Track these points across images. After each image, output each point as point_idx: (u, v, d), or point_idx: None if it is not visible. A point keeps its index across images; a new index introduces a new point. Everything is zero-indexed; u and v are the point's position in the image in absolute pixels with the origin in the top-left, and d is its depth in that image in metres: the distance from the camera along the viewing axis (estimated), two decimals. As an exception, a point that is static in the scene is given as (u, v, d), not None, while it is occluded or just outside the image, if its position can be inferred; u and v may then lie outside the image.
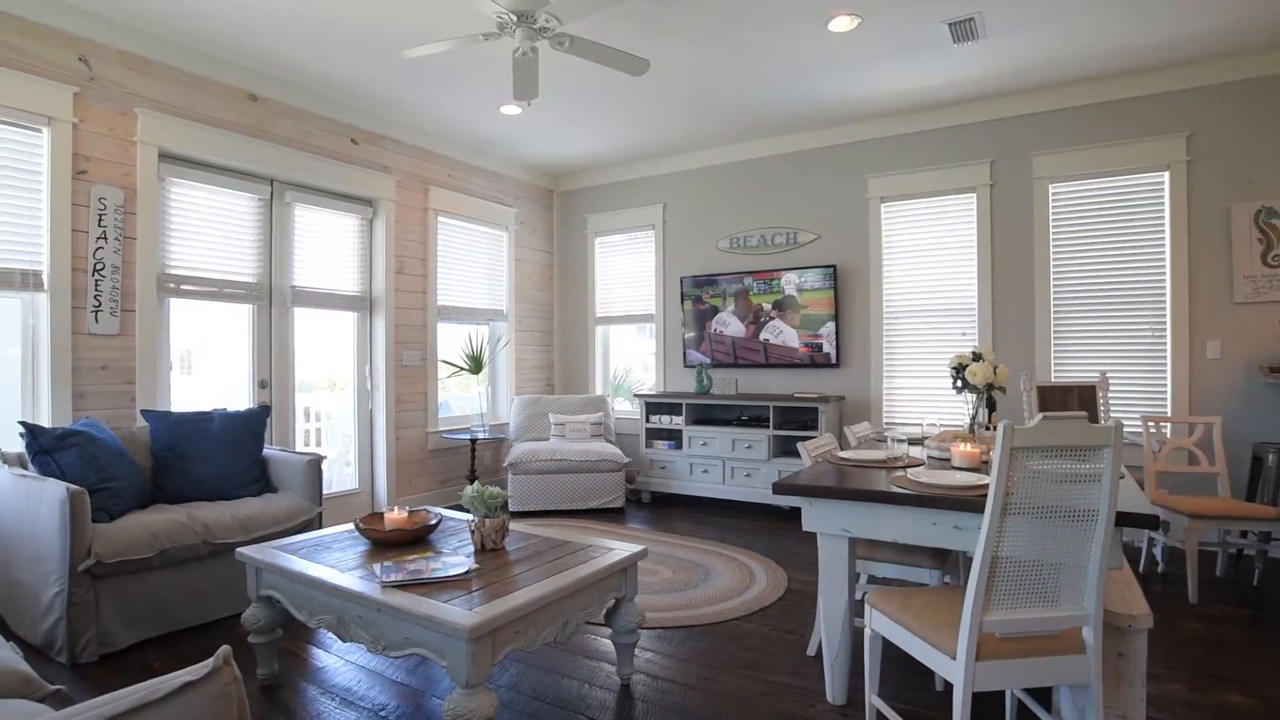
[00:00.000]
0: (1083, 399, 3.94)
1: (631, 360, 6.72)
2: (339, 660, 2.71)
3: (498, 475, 5.98)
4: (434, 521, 2.58)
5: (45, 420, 3.35)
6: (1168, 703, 2.33)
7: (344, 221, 4.88)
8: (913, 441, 3.19)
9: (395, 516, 2.58)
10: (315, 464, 3.51)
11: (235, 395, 4.30)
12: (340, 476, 5.01)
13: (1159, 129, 4.24)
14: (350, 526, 2.79)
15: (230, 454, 3.45)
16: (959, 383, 2.89)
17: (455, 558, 2.30)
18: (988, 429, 2.97)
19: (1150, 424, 3.76)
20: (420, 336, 5.31)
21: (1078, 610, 1.69)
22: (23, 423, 2.92)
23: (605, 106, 4.81)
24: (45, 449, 2.88)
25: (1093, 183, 4.44)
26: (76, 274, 3.44)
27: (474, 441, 5.35)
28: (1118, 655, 1.83)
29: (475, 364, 5.58)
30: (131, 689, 0.95)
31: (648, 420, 5.64)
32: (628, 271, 6.36)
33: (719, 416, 5.61)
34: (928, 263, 4.97)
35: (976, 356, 2.84)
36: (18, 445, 3.14)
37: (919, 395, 5.00)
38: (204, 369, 4.28)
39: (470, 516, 2.56)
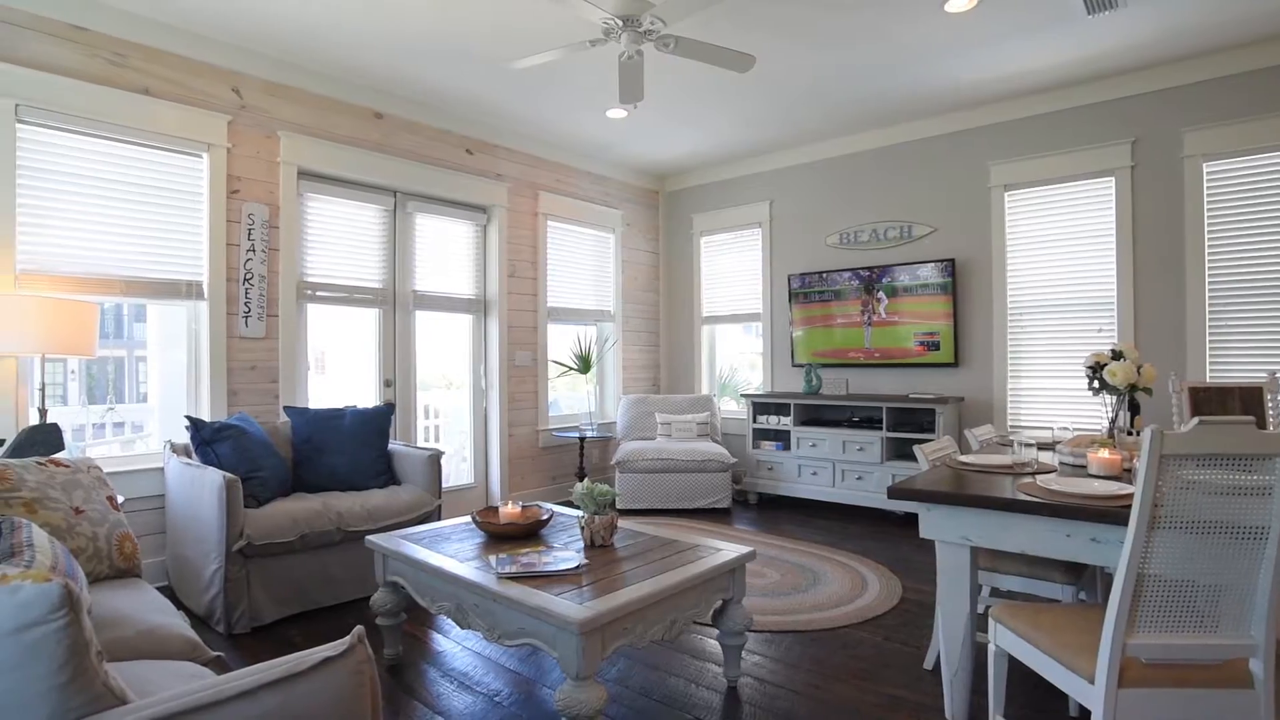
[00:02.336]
0: (1246, 402, 3.53)
1: (738, 360, 6.66)
2: (457, 646, 2.85)
3: (605, 473, 6.09)
4: (545, 517, 2.66)
5: (205, 415, 3.74)
6: (1355, 748, 2.04)
7: (460, 228, 5.13)
8: (1042, 446, 2.97)
9: (509, 511, 2.68)
10: (435, 459, 3.71)
11: (363, 393, 4.62)
12: (457, 471, 5.27)
13: (1341, 95, 3.73)
14: (467, 519, 2.93)
15: (360, 448, 3.70)
16: (1096, 383, 2.66)
17: (566, 553, 2.36)
18: (1129, 434, 2.72)
19: (1331, 431, 3.31)
20: (531, 337, 5.50)
21: (1242, 639, 1.51)
22: (188, 417, 3.27)
23: (710, 105, 4.80)
24: (206, 440, 3.21)
25: (1259, 158, 3.95)
26: (230, 283, 3.81)
27: (582, 440, 5.47)
28: (1292, 691, 1.62)
29: (584, 364, 5.71)
30: (280, 660, 1.04)
31: (755, 420, 5.57)
32: (734, 270, 6.31)
33: (828, 417, 5.45)
34: (1058, 254, 4.61)
35: (1116, 355, 2.60)
36: (184, 437, 3.53)
37: (1048, 397, 4.65)
38: (335, 369, 4.63)
39: (580, 513, 2.62)
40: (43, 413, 3.00)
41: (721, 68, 3.40)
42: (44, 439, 2.78)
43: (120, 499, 3.03)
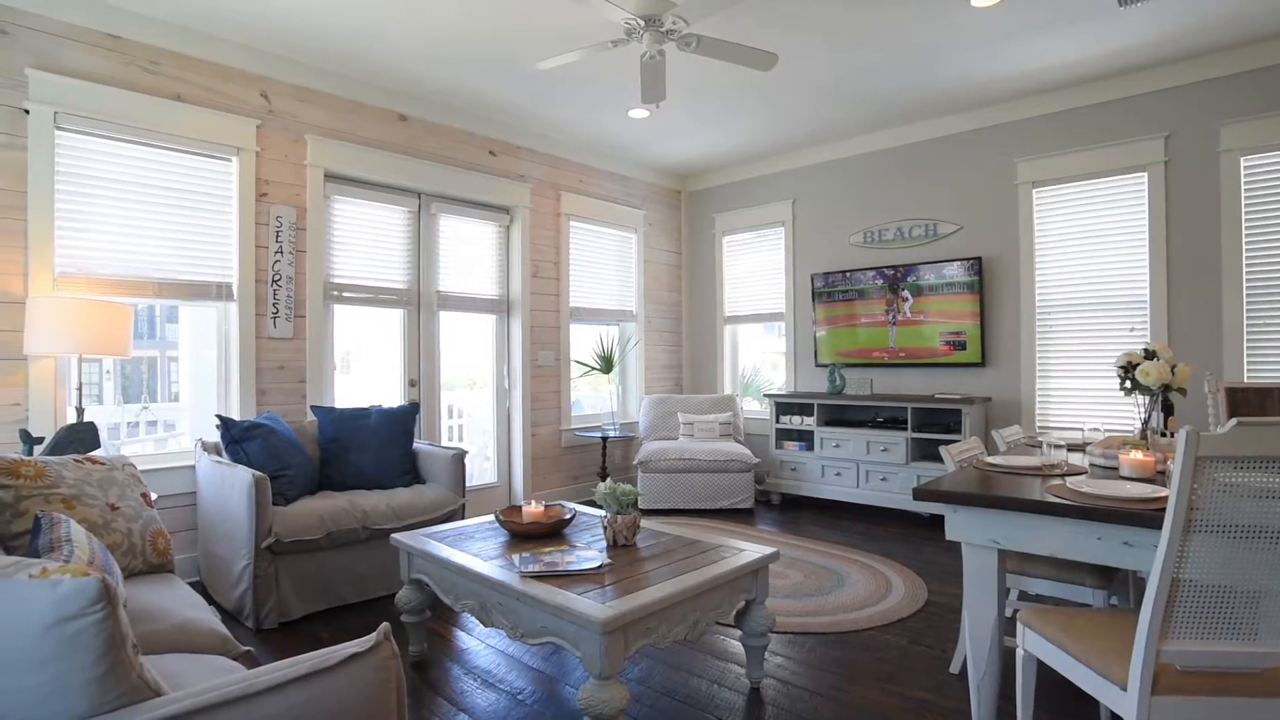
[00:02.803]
0: (1285, 403, 3.43)
1: (760, 359, 6.63)
2: (480, 644, 2.87)
3: (628, 473, 6.10)
4: (568, 516, 2.67)
5: (235, 414, 3.81)
6: (1402, 761, 1.98)
7: (483, 229, 5.17)
8: (1072, 447, 2.92)
9: (532, 510, 2.70)
10: (459, 458, 3.74)
11: (388, 393, 4.68)
12: (480, 470, 5.31)
13: (1387, 86, 3.61)
14: (491, 518, 2.95)
15: (385, 447, 3.75)
16: (1128, 384, 2.60)
17: (589, 552, 2.36)
18: (1163, 435, 2.66)
19: (1376, 432, 3.20)
20: (554, 337, 5.52)
21: (1282, 645, 1.47)
22: (218, 416, 3.33)
23: (732, 104, 4.78)
24: (235, 439, 3.27)
25: (1297, 154, 3.85)
26: (259, 285, 3.88)
27: (605, 439, 5.48)
28: (1335, 700, 1.58)
29: (606, 364, 5.72)
30: (307, 656, 1.06)
31: (778, 421, 5.54)
32: (756, 270, 6.28)
33: (853, 418, 5.40)
34: (1088, 252, 4.52)
35: (1149, 354, 2.55)
36: (215, 435, 3.59)
37: (1077, 397, 4.56)
38: (361, 369, 4.68)
39: (603, 512, 2.63)
40: (80, 411, 3.08)
41: (744, 66, 3.38)
42: (81, 437, 2.85)
43: (154, 496, 3.10)
